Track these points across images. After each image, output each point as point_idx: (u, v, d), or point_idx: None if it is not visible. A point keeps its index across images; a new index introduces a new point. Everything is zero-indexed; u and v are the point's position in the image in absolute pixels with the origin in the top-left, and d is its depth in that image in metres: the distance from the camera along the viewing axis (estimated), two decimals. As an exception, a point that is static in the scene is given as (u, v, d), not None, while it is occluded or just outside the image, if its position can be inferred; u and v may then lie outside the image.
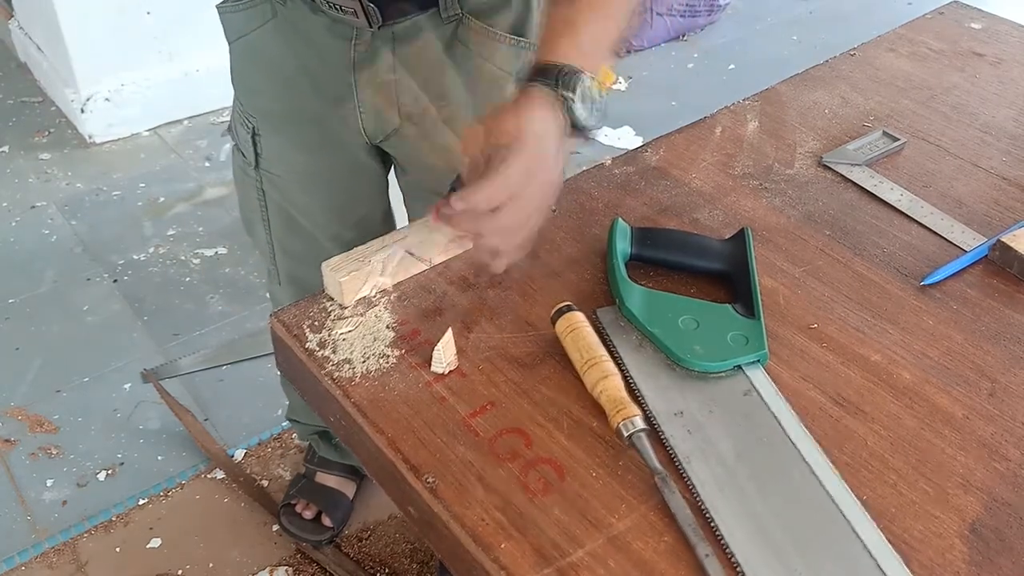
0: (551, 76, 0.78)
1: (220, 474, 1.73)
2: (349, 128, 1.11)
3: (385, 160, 1.21)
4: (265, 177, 1.20)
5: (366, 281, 0.81)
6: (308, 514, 1.61)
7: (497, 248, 0.79)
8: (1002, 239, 0.88)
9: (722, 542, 0.62)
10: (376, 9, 0.98)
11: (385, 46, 1.03)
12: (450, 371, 0.74)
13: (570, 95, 0.78)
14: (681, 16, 3.23)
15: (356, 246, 0.84)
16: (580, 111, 0.78)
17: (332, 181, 1.19)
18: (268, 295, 1.48)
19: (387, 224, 1.30)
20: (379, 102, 1.08)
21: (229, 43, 1.13)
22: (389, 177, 1.26)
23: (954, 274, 0.87)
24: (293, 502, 1.63)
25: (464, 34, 1.04)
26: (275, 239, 1.26)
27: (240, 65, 1.15)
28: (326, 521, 1.61)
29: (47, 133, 2.68)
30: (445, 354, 0.74)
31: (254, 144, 1.16)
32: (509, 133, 0.75)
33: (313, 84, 1.08)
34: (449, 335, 0.75)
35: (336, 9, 0.99)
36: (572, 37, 0.82)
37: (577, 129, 0.79)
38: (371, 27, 1.00)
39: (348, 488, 1.67)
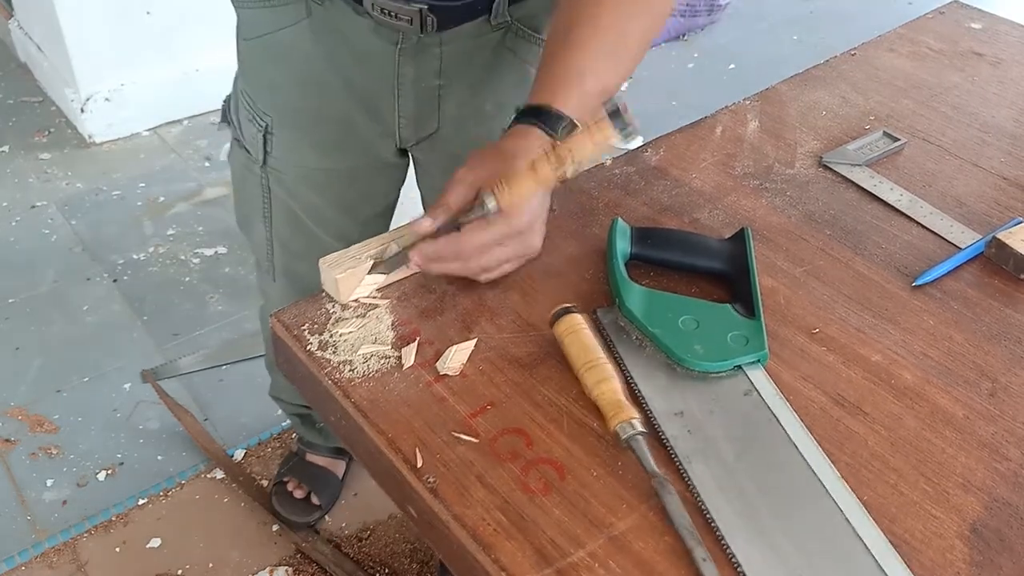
0: (552, 124, 0.80)
1: (220, 474, 1.73)
2: (380, 130, 1.10)
3: (405, 155, 1.19)
4: (272, 175, 1.17)
5: (362, 278, 0.81)
6: (299, 494, 1.65)
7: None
8: (997, 236, 0.88)
9: (722, 542, 0.62)
10: (434, 19, 0.97)
11: (432, 51, 1.02)
12: (450, 373, 0.74)
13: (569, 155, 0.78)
14: (681, 16, 3.23)
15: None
16: (569, 170, 0.79)
17: (347, 180, 1.17)
18: (258, 289, 1.47)
19: (387, 220, 1.29)
20: (422, 106, 1.07)
21: (245, 39, 1.09)
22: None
23: (954, 274, 0.87)
24: (285, 479, 1.66)
25: (512, 41, 1.03)
26: (275, 236, 1.25)
27: (257, 62, 1.10)
28: (315, 500, 1.64)
29: (47, 133, 2.68)
30: (454, 358, 0.74)
31: (264, 142, 1.14)
32: (511, 207, 0.77)
33: (346, 85, 1.06)
34: (470, 345, 0.75)
35: (390, 16, 0.97)
36: (580, 87, 0.83)
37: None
38: (422, 33, 0.99)
39: (337, 468, 1.70)
